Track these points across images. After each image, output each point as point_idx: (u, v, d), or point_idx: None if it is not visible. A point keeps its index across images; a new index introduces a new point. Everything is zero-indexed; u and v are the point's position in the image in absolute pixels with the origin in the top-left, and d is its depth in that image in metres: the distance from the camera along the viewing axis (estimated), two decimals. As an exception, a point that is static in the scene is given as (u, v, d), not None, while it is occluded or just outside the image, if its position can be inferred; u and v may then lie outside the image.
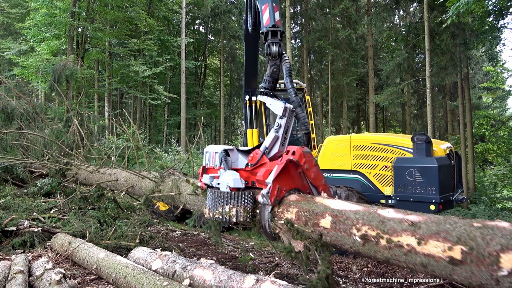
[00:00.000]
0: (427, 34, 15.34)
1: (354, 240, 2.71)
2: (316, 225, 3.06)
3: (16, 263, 4.14)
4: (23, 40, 23.53)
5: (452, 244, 2.12)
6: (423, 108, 28.16)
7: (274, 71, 4.29)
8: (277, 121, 3.95)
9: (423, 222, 2.34)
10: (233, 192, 3.75)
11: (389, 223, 2.51)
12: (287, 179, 3.69)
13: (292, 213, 3.36)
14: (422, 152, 5.76)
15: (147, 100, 25.40)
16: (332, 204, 3.10)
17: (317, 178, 3.84)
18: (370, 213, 2.71)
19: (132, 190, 6.24)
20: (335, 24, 27.67)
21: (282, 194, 3.64)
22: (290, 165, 3.66)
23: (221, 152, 4.07)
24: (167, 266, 3.89)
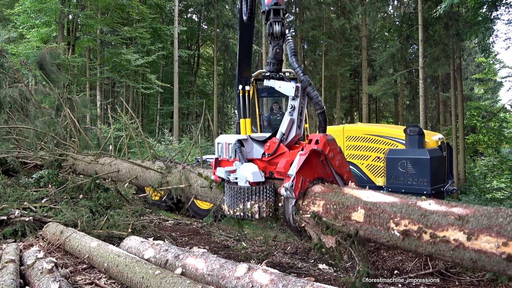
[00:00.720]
0: (421, 24, 15.35)
1: (392, 234, 2.59)
2: (348, 219, 2.92)
3: (7, 252, 4.12)
4: (12, 27, 23.09)
5: (507, 240, 1.99)
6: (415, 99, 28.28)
7: (277, 52, 4.04)
8: (290, 103, 3.80)
9: (471, 216, 2.21)
10: (253, 187, 3.55)
11: (432, 216, 2.39)
12: (310, 169, 3.49)
13: (319, 206, 3.24)
14: (414, 144, 5.80)
15: (140, 89, 25.20)
16: (364, 195, 2.95)
17: (342, 166, 3.67)
18: (409, 205, 2.57)
19: (135, 182, 6.13)
20: (329, 13, 27.55)
21: (305, 186, 3.44)
22: (312, 155, 3.47)
23: (235, 143, 3.86)
24: (159, 255, 3.90)
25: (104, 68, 24.41)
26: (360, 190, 3.12)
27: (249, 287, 2.97)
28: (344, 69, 26.80)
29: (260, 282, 2.93)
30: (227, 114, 41.09)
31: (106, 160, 7.02)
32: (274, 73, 4.05)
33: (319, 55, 28.42)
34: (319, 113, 3.78)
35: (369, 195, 2.90)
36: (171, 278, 3.25)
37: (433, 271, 4.72)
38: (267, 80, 4.07)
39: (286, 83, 3.84)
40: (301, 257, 5.69)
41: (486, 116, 25.94)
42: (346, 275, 4.76)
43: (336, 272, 4.92)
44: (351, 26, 27.92)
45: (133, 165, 6.16)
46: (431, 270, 4.75)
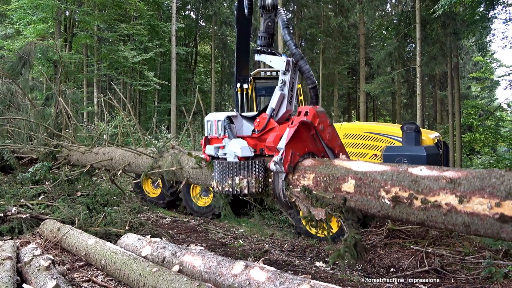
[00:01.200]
0: (419, 23, 15.36)
1: (382, 203, 2.52)
2: (338, 190, 2.86)
3: (4, 249, 4.11)
4: (8, 23, 22.95)
5: (500, 200, 1.91)
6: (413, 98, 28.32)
7: (269, 26, 3.90)
8: (281, 78, 3.71)
9: (464, 178, 2.14)
10: (242, 161, 3.47)
11: (423, 181, 2.31)
12: (299, 143, 3.43)
13: (309, 179, 3.17)
14: (411, 141, 5.81)
15: (137, 86, 25.11)
16: (354, 166, 2.88)
17: (332, 139, 3.57)
18: (400, 172, 2.50)
19: (129, 168, 6.08)
20: (327, 11, 27.53)
21: (296, 160, 3.38)
22: (302, 128, 3.41)
23: (224, 120, 3.80)
24: (156, 253, 3.90)
25: (101, 65, 24.32)
26: (351, 161, 3.06)
27: (246, 285, 2.99)
28: (342, 67, 26.80)
29: (257, 280, 2.94)
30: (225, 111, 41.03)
31: (100, 149, 6.98)
32: (265, 47, 3.94)
33: (317, 53, 28.41)
34: (310, 87, 3.71)
35: (359, 165, 2.85)
36: (168, 276, 3.27)
37: (429, 269, 4.75)
38: (258, 55, 3.98)
39: (277, 57, 3.77)
40: (298, 254, 5.71)
41: (482, 114, 26.02)
42: (342, 273, 4.79)
43: (333, 270, 4.94)
44: (349, 24, 27.92)
45: (126, 152, 6.13)
46: (427, 268, 4.78)
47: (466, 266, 4.78)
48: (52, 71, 18.97)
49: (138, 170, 5.83)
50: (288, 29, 3.72)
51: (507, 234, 1.94)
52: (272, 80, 7.92)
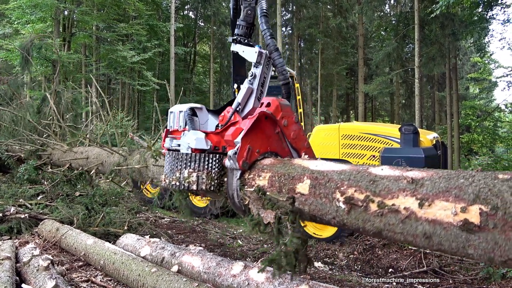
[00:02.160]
0: (417, 24, 15.40)
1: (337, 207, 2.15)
2: (292, 191, 2.52)
3: (3, 249, 4.11)
4: (7, 22, 22.91)
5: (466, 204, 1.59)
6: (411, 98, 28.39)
7: (248, 14, 3.58)
8: (252, 71, 3.41)
9: (428, 179, 1.82)
10: (194, 153, 3.11)
11: (382, 182, 1.99)
12: (261, 138, 3.04)
13: (264, 179, 2.79)
14: (409, 142, 5.83)
15: (136, 86, 25.10)
16: (312, 165, 2.55)
17: (298, 139, 3.18)
18: (359, 171, 2.18)
19: (102, 168, 5.85)
20: (326, 12, 27.58)
21: (254, 157, 2.99)
22: (265, 122, 3.03)
23: (186, 111, 3.42)
24: (155, 253, 3.91)
25: (100, 64, 24.30)
26: (311, 160, 2.71)
27: (245, 285, 3.00)
28: (341, 67, 26.85)
29: (256, 280, 2.95)
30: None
31: (80, 148, 6.83)
32: (242, 37, 3.58)
33: (316, 54, 28.45)
34: (282, 84, 3.40)
35: (318, 164, 2.51)
36: (168, 276, 3.27)
37: (427, 269, 4.77)
38: (233, 44, 3.64)
39: (250, 48, 3.45)
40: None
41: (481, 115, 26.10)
42: (341, 273, 4.81)
43: (332, 270, 4.96)
44: (347, 25, 27.97)
45: (101, 150, 5.91)
46: (425, 268, 4.80)
47: (464, 267, 4.81)
48: (50, 71, 18.94)
49: (109, 169, 5.52)
50: (266, 17, 3.42)
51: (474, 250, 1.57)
52: (270, 79, 7.93)
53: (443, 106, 28.60)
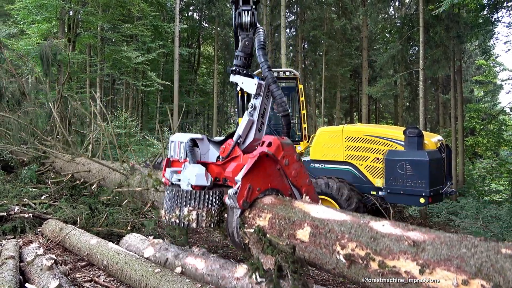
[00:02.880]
0: (422, 26, 15.34)
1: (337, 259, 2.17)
2: (292, 237, 2.51)
3: (7, 249, 4.13)
4: (12, 23, 23.03)
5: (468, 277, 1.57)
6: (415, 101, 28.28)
7: (246, 45, 3.59)
8: (251, 102, 3.42)
9: (429, 243, 1.79)
10: (194, 191, 3.10)
11: (383, 240, 1.98)
12: (262, 177, 3.05)
13: (265, 220, 2.76)
14: (413, 145, 5.81)
15: (140, 86, 25.17)
16: (313, 211, 2.54)
17: (299, 177, 3.20)
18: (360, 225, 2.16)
19: (103, 183, 5.98)
20: (330, 14, 27.55)
21: (254, 195, 2.99)
22: (266, 160, 3.03)
23: (187, 142, 3.41)
24: (159, 254, 3.91)
25: (104, 65, 24.38)
26: (311, 204, 2.67)
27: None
28: (345, 69, 26.80)
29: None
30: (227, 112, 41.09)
31: (82, 160, 6.95)
32: (241, 67, 3.60)
33: (320, 55, 28.42)
34: (282, 116, 3.39)
35: (319, 210, 2.49)
36: (171, 277, 3.27)
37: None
38: (232, 75, 3.65)
39: (249, 79, 3.45)
40: None
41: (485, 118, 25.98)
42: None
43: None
44: (352, 27, 27.94)
45: (102, 166, 5.98)
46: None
47: None
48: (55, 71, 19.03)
49: (111, 185, 5.61)
50: (263, 50, 3.42)
51: None
52: (281, 80, 7.98)
53: (447, 109, 28.47)
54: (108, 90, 31.89)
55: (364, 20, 22.60)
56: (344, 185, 6.17)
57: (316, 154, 6.97)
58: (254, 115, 3.42)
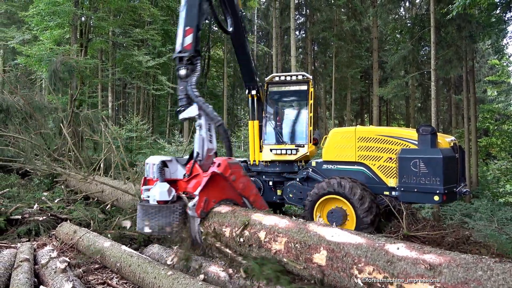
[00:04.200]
0: (433, 26, 15.18)
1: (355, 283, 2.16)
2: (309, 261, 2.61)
3: (22, 251, 4.17)
4: (26, 29, 23.42)
5: None
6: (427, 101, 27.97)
7: (181, 89, 4.80)
8: (197, 122, 4.40)
9: (445, 266, 1.81)
10: (160, 205, 3.86)
11: (399, 264, 2.00)
12: (216, 190, 3.89)
13: (281, 244, 2.94)
14: (427, 143, 5.74)
15: (151, 90, 25.35)
16: (328, 234, 2.63)
17: (246, 189, 4.12)
18: (375, 248, 2.17)
19: (117, 204, 6.18)
20: (340, 15, 27.43)
21: (210, 206, 3.83)
22: (218, 177, 3.86)
23: (158, 164, 4.16)
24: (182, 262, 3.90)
25: (115, 69, 24.63)
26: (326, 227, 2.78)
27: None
28: (355, 70, 26.63)
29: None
30: (237, 115, 41.15)
31: (95, 178, 7.28)
32: (184, 106, 4.63)
33: (330, 57, 28.30)
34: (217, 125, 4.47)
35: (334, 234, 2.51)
36: (183, 279, 3.26)
37: None
38: (179, 115, 4.68)
39: (190, 107, 4.49)
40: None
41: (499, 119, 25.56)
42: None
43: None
44: (362, 28, 27.78)
45: (113, 188, 6.23)
46: None
47: None
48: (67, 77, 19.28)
49: (125, 206, 5.89)
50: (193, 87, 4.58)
51: None
52: (287, 84, 7.97)
53: (460, 110, 28.11)
54: (120, 94, 32.22)
55: (374, 21, 22.45)
56: (357, 185, 6.11)
57: (328, 155, 6.92)
58: (202, 132, 4.32)
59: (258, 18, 38.46)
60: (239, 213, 3.37)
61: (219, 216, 3.70)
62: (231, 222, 3.51)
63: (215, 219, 3.66)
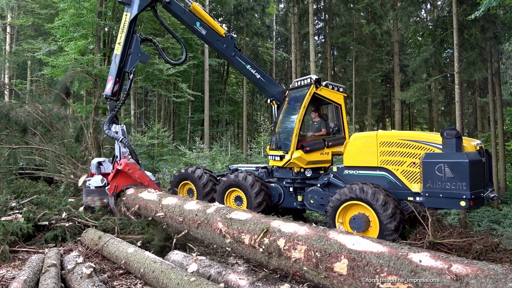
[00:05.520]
0: (456, 28, 14.87)
1: None
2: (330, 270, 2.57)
3: (49, 257, 4.27)
4: (52, 40, 24.20)
5: None
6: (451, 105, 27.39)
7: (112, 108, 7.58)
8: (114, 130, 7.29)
9: (473, 277, 1.70)
10: (94, 188, 6.74)
11: (424, 274, 1.91)
12: (121, 179, 6.62)
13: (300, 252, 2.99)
14: (452, 147, 5.58)
15: (171, 98, 25.72)
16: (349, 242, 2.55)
17: (141, 177, 6.69)
18: (398, 257, 2.10)
19: (138, 211, 6.23)
20: (359, 19, 27.24)
21: (118, 189, 6.56)
22: (122, 172, 6.59)
23: (96, 164, 7.30)
24: (202, 270, 3.92)
25: (137, 77, 25.13)
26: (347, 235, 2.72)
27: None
28: (376, 75, 26.32)
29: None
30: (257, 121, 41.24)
31: None
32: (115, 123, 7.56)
33: (349, 61, 28.10)
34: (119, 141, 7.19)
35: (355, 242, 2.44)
36: (206, 286, 3.26)
37: None
38: (108, 131, 7.34)
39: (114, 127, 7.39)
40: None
41: (527, 121, 24.69)
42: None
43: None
44: (382, 32, 27.48)
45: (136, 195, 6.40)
46: None
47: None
48: (92, 85, 19.76)
49: (146, 214, 5.96)
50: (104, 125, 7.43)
51: None
52: (294, 89, 7.98)
53: (485, 113, 27.36)
54: (141, 102, 32.81)
55: (394, 24, 22.19)
56: (379, 190, 5.98)
57: (349, 160, 6.83)
58: (119, 140, 7.16)
59: (276, 24, 38.57)
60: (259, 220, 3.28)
61: (238, 223, 3.71)
62: (251, 229, 3.50)
63: (235, 226, 3.84)
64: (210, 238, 4.38)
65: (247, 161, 21.31)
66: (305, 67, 31.73)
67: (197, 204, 4.90)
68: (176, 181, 8.98)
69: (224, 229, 3.95)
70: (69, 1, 19.58)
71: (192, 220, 4.63)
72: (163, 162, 19.23)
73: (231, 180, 7.96)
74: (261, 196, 7.62)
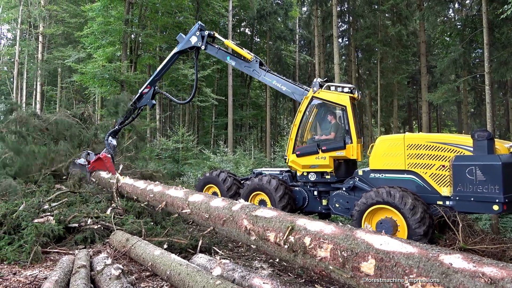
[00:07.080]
0: (486, 27, 14.41)
1: None
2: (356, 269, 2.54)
3: (79, 258, 4.38)
4: (81, 48, 24.99)
5: None
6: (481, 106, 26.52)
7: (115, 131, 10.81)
8: (109, 141, 10.34)
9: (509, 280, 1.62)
10: (81, 165, 9.85)
11: (455, 276, 1.82)
12: (98, 164, 9.81)
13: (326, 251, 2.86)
14: (483, 149, 5.40)
15: (196, 102, 26.03)
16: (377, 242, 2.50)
17: (110, 167, 9.70)
18: (429, 259, 2.02)
19: (165, 208, 6.31)
20: (384, 20, 26.79)
21: (94, 170, 9.66)
22: (100, 160, 9.82)
23: (85, 153, 10.20)
24: (226, 274, 3.93)
25: (162, 83, 25.59)
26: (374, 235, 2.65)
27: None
28: (401, 76, 25.78)
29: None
30: (280, 125, 41.18)
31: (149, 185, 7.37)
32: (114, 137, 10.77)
33: (374, 63, 27.68)
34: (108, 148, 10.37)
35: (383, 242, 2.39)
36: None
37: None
38: (106, 140, 10.46)
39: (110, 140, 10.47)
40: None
41: None
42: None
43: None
44: (407, 32, 26.93)
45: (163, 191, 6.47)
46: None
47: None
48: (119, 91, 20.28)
49: (173, 210, 6.09)
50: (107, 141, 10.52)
51: None
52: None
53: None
54: (166, 107, 33.36)
55: (421, 24, 21.72)
56: (407, 194, 5.84)
57: (375, 164, 6.71)
58: (108, 147, 10.24)
59: (299, 27, 38.49)
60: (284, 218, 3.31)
61: (264, 221, 3.72)
62: (276, 227, 3.50)
63: (260, 223, 3.85)
64: (235, 235, 4.38)
65: (270, 164, 21.30)
66: (329, 70, 31.49)
67: (223, 201, 4.94)
68: (201, 184, 9.19)
69: (250, 226, 3.94)
70: (97, 10, 20.19)
71: (218, 217, 4.67)
72: (188, 165, 19.47)
73: (255, 184, 7.99)
74: (285, 199, 7.60)
